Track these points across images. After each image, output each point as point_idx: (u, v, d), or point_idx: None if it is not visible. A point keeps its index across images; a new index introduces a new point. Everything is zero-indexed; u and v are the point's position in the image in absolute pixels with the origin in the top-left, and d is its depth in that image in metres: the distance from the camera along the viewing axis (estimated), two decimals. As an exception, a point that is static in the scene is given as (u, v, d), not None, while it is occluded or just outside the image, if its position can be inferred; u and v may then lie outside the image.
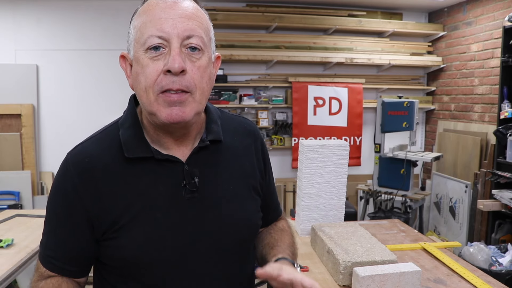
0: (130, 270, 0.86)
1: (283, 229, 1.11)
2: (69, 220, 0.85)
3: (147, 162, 0.85)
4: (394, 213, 3.64)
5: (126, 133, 0.87)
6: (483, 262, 2.71)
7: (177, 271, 0.86)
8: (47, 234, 0.89)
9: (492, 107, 3.78)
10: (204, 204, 0.88)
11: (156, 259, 0.84)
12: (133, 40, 0.83)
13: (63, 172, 0.86)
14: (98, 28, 4.18)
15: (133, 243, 0.83)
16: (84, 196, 0.83)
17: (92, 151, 0.86)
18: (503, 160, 3.22)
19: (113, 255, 0.85)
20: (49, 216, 0.88)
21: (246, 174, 0.96)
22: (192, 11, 0.82)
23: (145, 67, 0.79)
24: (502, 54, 3.24)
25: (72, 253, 0.87)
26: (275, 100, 4.44)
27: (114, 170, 0.85)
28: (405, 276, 1.18)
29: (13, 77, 4.01)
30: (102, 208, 0.84)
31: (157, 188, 0.85)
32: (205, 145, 0.89)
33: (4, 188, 3.87)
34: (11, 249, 1.85)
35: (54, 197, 0.87)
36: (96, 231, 0.85)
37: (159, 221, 0.84)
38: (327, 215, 1.81)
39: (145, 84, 0.79)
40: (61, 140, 4.16)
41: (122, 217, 0.83)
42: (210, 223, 0.88)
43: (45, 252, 0.88)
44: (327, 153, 1.76)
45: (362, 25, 4.41)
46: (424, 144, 4.93)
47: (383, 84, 4.65)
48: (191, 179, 0.86)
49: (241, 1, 4.31)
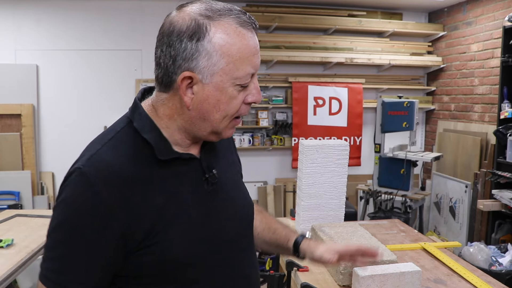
0: (170, 272, 0.84)
1: (261, 211, 1.21)
2: (97, 237, 0.78)
3: (171, 163, 0.86)
4: (394, 213, 3.64)
5: (152, 136, 0.85)
6: (483, 262, 2.71)
7: (215, 264, 0.89)
8: (61, 258, 0.79)
9: (492, 107, 3.78)
10: (222, 193, 0.93)
11: (196, 255, 0.86)
12: (220, 69, 0.80)
13: (83, 186, 0.78)
14: (98, 28, 4.18)
15: (173, 244, 0.83)
16: (115, 208, 0.78)
17: (112, 159, 0.81)
18: (503, 160, 3.22)
19: (152, 261, 0.82)
20: (64, 236, 0.79)
21: (234, 164, 1.06)
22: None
23: (232, 98, 0.84)
24: (502, 54, 3.24)
25: (99, 273, 0.80)
26: (275, 100, 4.44)
27: (141, 175, 0.82)
28: (405, 276, 1.18)
29: (13, 77, 4.01)
30: (136, 217, 0.80)
31: (183, 186, 0.87)
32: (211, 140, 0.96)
33: (4, 188, 3.87)
34: (11, 249, 1.85)
35: (71, 215, 0.78)
36: (131, 243, 0.80)
37: (193, 217, 0.87)
38: (327, 215, 1.81)
39: (228, 112, 0.85)
40: (61, 140, 4.16)
41: (158, 221, 0.82)
42: (231, 210, 0.94)
43: (61, 278, 0.79)
44: (327, 153, 1.76)
45: (362, 25, 4.41)
46: (424, 144, 4.93)
47: (383, 84, 4.65)
48: (210, 172, 0.91)
49: (241, 1, 4.31)
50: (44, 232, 0.85)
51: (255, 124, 4.46)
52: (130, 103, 0.93)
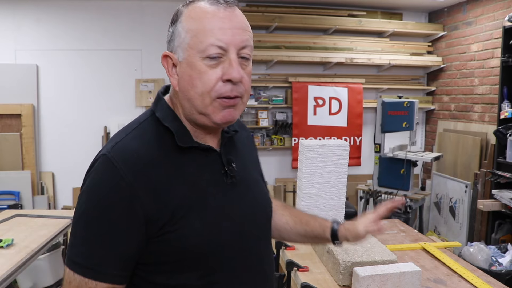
0: (189, 260, 0.85)
1: (286, 206, 1.22)
2: (123, 221, 0.80)
3: (192, 152, 0.89)
4: (394, 213, 3.64)
5: (174, 125, 0.90)
6: (483, 262, 2.71)
7: (234, 254, 0.90)
8: (88, 243, 0.81)
9: (492, 107, 3.78)
10: (241, 187, 0.94)
11: (216, 244, 0.87)
12: (187, 44, 0.85)
13: (109, 172, 0.81)
14: (98, 28, 4.18)
15: (194, 232, 0.84)
16: (141, 193, 0.81)
17: (136, 146, 0.85)
18: (503, 160, 3.22)
19: (173, 247, 0.84)
20: (91, 221, 0.81)
21: (254, 162, 1.09)
22: (244, 21, 0.89)
23: (203, 73, 0.84)
24: (502, 54, 3.24)
25: (126, 256, 0.82)
26: (275, 100, 4.44)
27: (164, 162, 0.86)
28: (405, 276, 1.18)
29: (13, 77, 4.01)
30: (160, 202, 0.83)
31: (204, 176, 0.89)
32: (230, 135, 0.97)
33: (4, 188, 3.87)
34: (11, 249, 1.85)
35: (99, 199, 0.81)
36: (153, 228, 0.82)
37: (212, 207, 0.88)
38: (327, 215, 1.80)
39: (203, 89, 0.84)
40: (61, 140, 4.16)
41: (180, 208, 0.84)
42: (249, 205, 0.96)
43: (90, 262, 0.80)
44: (327, 153, 1.76)
45: (362, 25, 4.41)
46: (424, 144, 4.93)
47: (383, 84, 4.65)
48: (229, 166, 0.93)
49: (241, 1, 4.30)
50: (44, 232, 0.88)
51: (255, 124, 4.46)
52: (130, 103, 0.95)
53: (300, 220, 1.17)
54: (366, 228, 1.08)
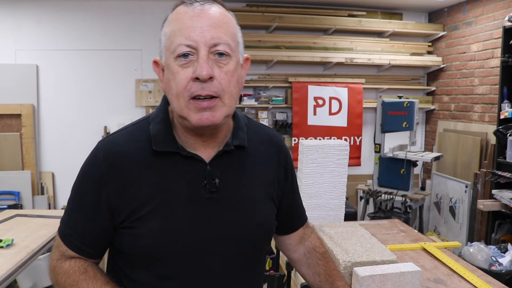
0: (143, 259, 0.88)
1: (326, 257, 1.14)
2: (92, 204, 0.89)
3: (172, 158, 0.89)
4: (394, 213, 3.64)
5: (156, 127, 0.91)
6: (483, 262, 2.71)
7: (190, 267, 0.89)
8: (68, 213, 0.94)
9: (492, 107, 3.78)
10: (221, 205, 0.91)
11: (169, 252, 0.87)
12: (164, 47, 0.87)
13: (93, 158, 0.91)
14: (98, 28, 4.18)
15: (149, 234, 0.86)
16: (108, 183, 0.87)
17: (122, 141, 0.91)
18: (503, 160, 3.22)
19: (129, 243, 0.88)
20: (73, 196, 0.93)
21: (264, 182, 1.00)
22: (219, 17, 0.86)
23: (175, 74, 0.84)
24: (502, 54, 3.24)
25: (90, 235, 0.91)
26: (275, 100, 4.44)
27: (141, 162, 0.89)
28: (405, 276, 1.18)
29: (13, 77, 4.01)
30: (124, 197, 0.87)
31: (179, 184, 0.89)
32: (229, 149, 0.93)
33: (4, 188, 3.87)
34: (11, 249, 1.85)
35: (80, 180, 0.92)
36: (116, 219, 0.88)
37: (176, 215, 0.88)
38: (327, 215, 1.81)
39: (176, 90, 0.84)
40: (61, 140, 4.16)
41: (142, 207, 0.87)
42: (226, 225, 0.91)
43: (66, 229, 0.93)
44: (327, 153, 1.76)
45: (362, 25, 4.41)
46: (424, 144, 4.93)
47: (383, 84, 4.65)
48: (211, 180, 0.90)
49: (241, 1, 4.31)
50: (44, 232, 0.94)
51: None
52: (130, 103, 0.97)
53: (332, 282, 1.09)
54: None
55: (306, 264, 1.14)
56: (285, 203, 1.07)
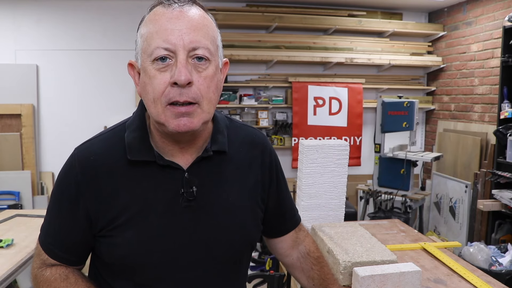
0: (121, 269, 0.88)
1: (321, 261, 1.14)
2: (69, 212, 0.88)
3: (149, 166, 0.87)
4: (394, 213, 3.64)
5: (131, 135, 0.88)
6: (483, 262, 2.71)
7: (167, 275, 0.87)
8: (47, 222, 0.93)
9: (492, 107, 3.78)
10: (200, 213, 0.88)
11: (146, 262, 0.86)
12: (140, 50, 0.84)
13: (69, 167, 0.90)
14: (98, 28, 4.18)
15: (126, 243, 0.85)
16: (85, 192, 0.86)
17: (98, 149, 0.88)
18: (503, 160, 3.22)
19: (107, 252, 0.87)
20: (51, 205, 0.92)
21: (248, 187, 0.97)
22: (199, 20, 0.82)
23: (152, 78, 0.80)
24: (502, 54, 3.24)
25: (70, 244, 0.90)
26: (275, 100, 4.44)
27: (117, 171, 0.86)
28: (405, 276, 1.18)
29: (13, 77, 4.01)
30: (101, 206, 0.86)
31: (155, 193, 0.86)
32: (208, 155, 0.90)
33: (4, 188, 3.86)
34: (11, 249, 1.85)
35: (57, 188, 0.91)
36: (94, 227, 0.87)
37: (152, 225, 0.85)
38: (327, 215, 1.80)
39: (153, 95, 0.80)
40: (61, 140, 4.16)
41: (118, 217, 0.85)
42: (204, 233, 0.89)
43: (46, 238, 0.92)
44: (327, 153, 1.76)
45: (362, 25, 4.41)
46: (424, 144, 4.92)
47: (383, 84, 4.65)
48: (189, 188, 0.87)
49: (241, 1, 4.31)
50: None
51: (255, 124, 4.45)
52: (130, 104, 0.95)
53: (326, 287, 1.10)
54: None
55: (300, 269, 1.13)
56: (272, 205, 1.04)
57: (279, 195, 1.06)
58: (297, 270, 1.14)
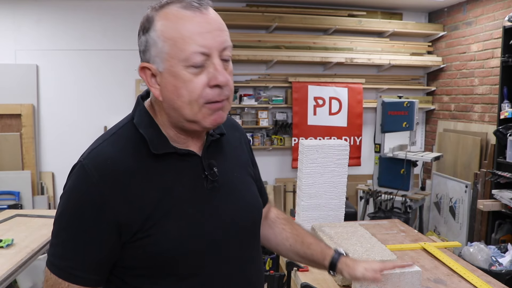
0: (162, 266, 0.86)
1: (290, 221, 1.20)
2: (93, 227, 0.81)
3: (169, 158, 0.88)
4: (394, 213, 3.64)
5: (148, 131, 0.88)
6: (483, 262, 2.71)
7: (213, 259, 0.89)
8: (62, 244, 0.83)
9: (492, 107, 3.78)
10: (223, 192, 0.93)
11: (191, 250, 0.86)
12: (166, 54, 0.82)
13: (83, 178, 0.82)
14: (98, 28, 4.18)
15: (168, 237, 0.84)
16: (112, 200, 0.81)
17: (111, 153, 0.85)
18: (503, 160, 3.22)
19: (144, 253, 0.84)
20: (66, 224, 0.83)
21: (244, 163, 1.05)
22: (221, 21, 0.86)
23: (188, 82, 0.81)
24: (502, 54, 3.24)
25: (96, 261, 0.83)
26: (275, 100, 4.44)
27: (137, 169, 0.85)
28: (405, 276, 1.18)
29: (13, 77, 4.01)
30: (132, 208, 0.83)
31: (181, 182, 0.88)
32: (215, 138, 0.95)
33: (4, 188, 3.87)
34: (11, 249, 1.85)
35: (72, 205, 0.83)
36: (126, 234, 0.83)
37: (189, 213, 0.87)
38: (327, 215, 1.81)
39: (190, 98, 0.82)
40: (61, 140, 4.16)
41: (153, 214, 0.84)
42: (232, 209, 0.93)
43: (63, 263, 0.82)
44: (327, 153, 1.76)
45: (362, 25, 4.41)
46: (424, 144, 4.93)
47: (383, 84, 4.65)
48: (210, 170, 0.91)
49: (241, 1, 4.31)
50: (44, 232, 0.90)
51: (255, 124, 4.46)
52: (130, 103, 0.95)
53: (302, 240, 1.14)
54: (365, 272, 1.05)
55: (273, 235, 1.17)
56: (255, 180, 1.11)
57: (257, 172, 1.14)
58: (271, 237, 1.17)
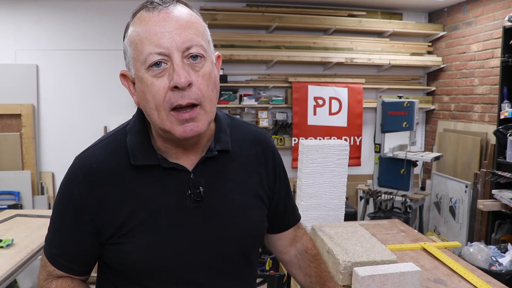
0: (132, 274, 0.87)
1: (318, 259, 1.16)
2: (74, 223, 0.86)
3: (153, 170, 0.86)
4: (394, 213, 3.64)
5: (133, 139, 0.87)
6: (483, 262, 2.71)
7: (179, 279, 0.87)
8: (52, 232, 0.91)
9: (492, 107, 3.78)
10: (208, 213, 0.88)
11: (158, 266, 0.85)
12: (132, 58, 0.81)
13: (71, 176, 0.87)
14: (98, 28, 4.18)
15: (136, 249, 0.84)
16: (90, 201, 0.84)
17: (99, 156, 0.87)
18: (503, 160, 3.22)
19: (117, 259, 0.86)
20: (55, 216, 0.90)
21: (252, 185, 0.96)
22: (187, 18, 0.80)
23: (150, 86, 0.78)
24: (502, 54, 3.24)
25: (76, 253, 0.88)
26: (275, 100, 4.44)
27: (121, 176, 0.85)
28: (405, 276, 1.18)
29: (13, 77, 4.01)
30: (108, 214, 0.84)
31: (162, 196, 0.86)
32: (212, 155, 0.89)
33: (4, 188, 3.87)
34: (11, 249, 1.85)
35: (60, 199, 0.89)
36: (101, 235, 0.86)
37: (162, 229, 0.85)
38: (327, 215, 1.80)
39: (155, 103, 0.78)
40: (61, 140, 4.16)
41: (127, 223, 0.84)
42: (214, 233, 0.88)
43: (51, 249, 0.90)
44: (327, 153, 1.76)
45: (362, 25, 4.41)
46: (424, 144, 4.93)
47: (383, 84, 4.65)
48: (196, 189, 0.87)
49: (241, 1, 4.31)
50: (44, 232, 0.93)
51: (255, 124, 4.45)
52: (130, 104, 0.95)
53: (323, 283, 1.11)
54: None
55: (297, 266, 1.14)
56: (276, 202, 1.05)
57: (282, 193, 1.07)
58: (294, 267, 1.15)
